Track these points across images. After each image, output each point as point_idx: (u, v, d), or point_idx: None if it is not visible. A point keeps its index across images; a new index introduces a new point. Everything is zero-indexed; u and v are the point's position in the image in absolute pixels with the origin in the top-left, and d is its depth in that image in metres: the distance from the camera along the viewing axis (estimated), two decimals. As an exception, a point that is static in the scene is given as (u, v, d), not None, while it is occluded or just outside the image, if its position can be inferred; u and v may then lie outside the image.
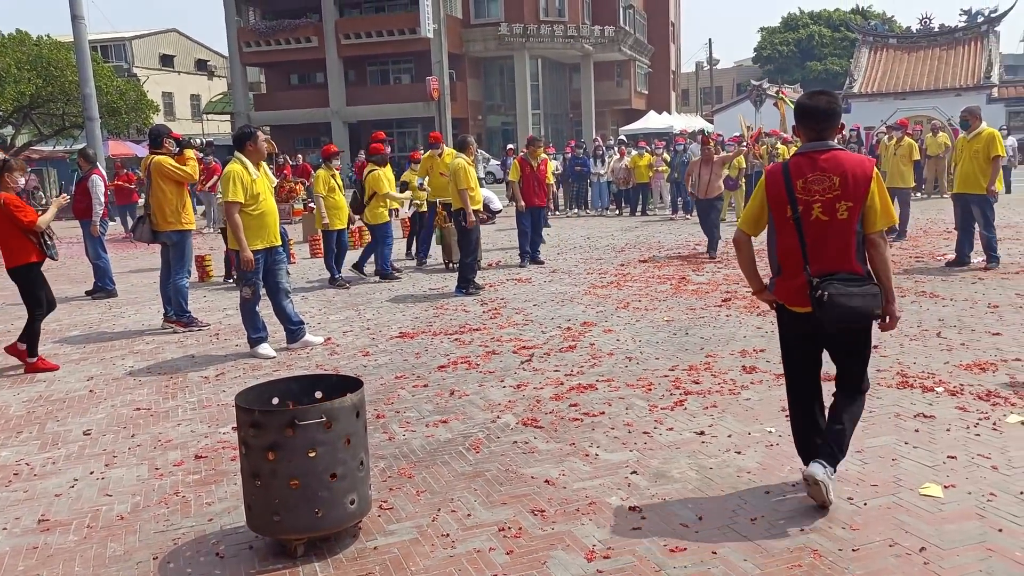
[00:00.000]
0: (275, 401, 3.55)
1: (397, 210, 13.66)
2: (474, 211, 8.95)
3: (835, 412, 3.54)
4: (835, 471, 3.47)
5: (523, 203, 11.09)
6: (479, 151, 21.71)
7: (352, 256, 11.17)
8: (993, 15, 36.63)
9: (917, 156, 12.68)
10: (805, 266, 3.41)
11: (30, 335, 6.45)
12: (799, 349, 3.61)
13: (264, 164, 6.70)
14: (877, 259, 3.42)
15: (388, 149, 11.25)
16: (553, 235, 14.74)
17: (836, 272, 3.36)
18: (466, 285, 9.03)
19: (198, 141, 10.28)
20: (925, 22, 38.54)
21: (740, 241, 3.71)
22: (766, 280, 3.73)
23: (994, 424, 4.32)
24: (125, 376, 6.22)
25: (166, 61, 53.26)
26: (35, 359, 6.46)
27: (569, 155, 19.45)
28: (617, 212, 18.82)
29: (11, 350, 6.47)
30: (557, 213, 19.09)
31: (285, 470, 3.18)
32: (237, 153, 6.47)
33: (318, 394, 3.60)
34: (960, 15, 37.99)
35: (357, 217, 10.67)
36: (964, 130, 9.16)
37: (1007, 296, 7.52)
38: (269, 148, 6.97)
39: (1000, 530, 3.19)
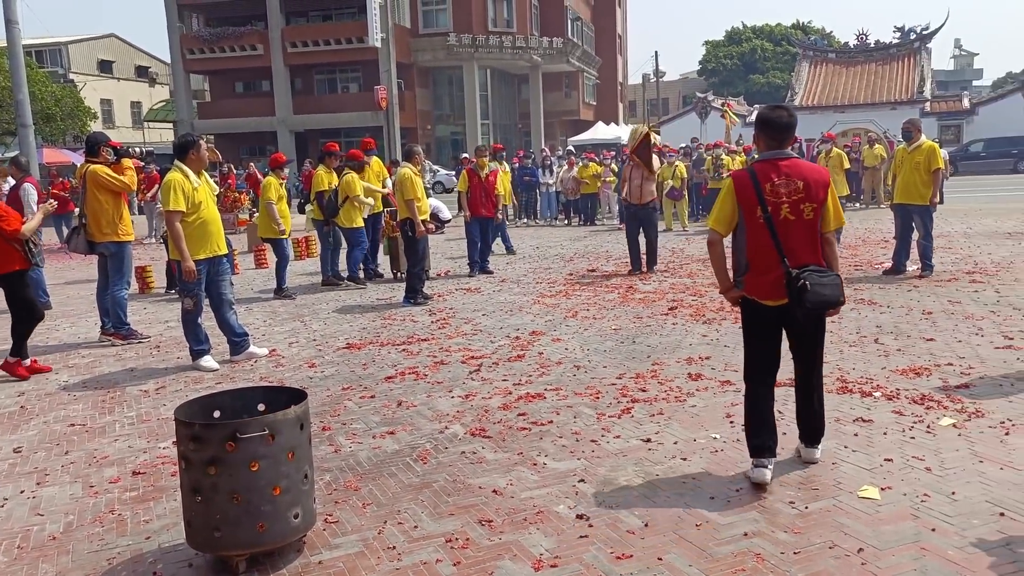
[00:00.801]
0: (217, 414, 3.47)
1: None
2: (421, 221, 8.92)
3: (806, 395, 3.98)
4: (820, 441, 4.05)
5: (468, 212, 11.12)
6: (426, 161, 21.58)
7: (298, 266, 11.06)
8: (925, 32, 38.04)
9: (848, 165, 13.07)
10: (782, 260, 3.74)
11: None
12: (765, 340, 3.91)
13: (205, 172, 6.58)
14: (831, 254, 3.88)
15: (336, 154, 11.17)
16: (503, 245, 14.75)
17: (808, 264, 3.74)
18: (414, 295, 8.97)
19: (137, 150, 10.15)
20: (862, 38, 39.83)
21: (714, 241, 3.97)
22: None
23: (928, 427, 4.45)
24: (59, 391, 6.02)
25: (105, 67, 51.97)
26: (28, 361, 6.45)
27: (517, 165, 19.52)
28: (566, 222, 18.94)
29: (7, 367, 6.42)
30: (506, 223, 19.10)
31: (227, 485, 3.10)
32: (177, 161, 6.35)
33: (261, 407, 3.53)
34: (894, 32, 39.39)
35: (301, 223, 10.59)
36: (906, 141, 9.38)
37: (940, 303, 7.77)
38: (213, 157, 6.86)
39: (933, 529, 3.28)
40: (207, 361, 6.46)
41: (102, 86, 49.41)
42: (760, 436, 3.85)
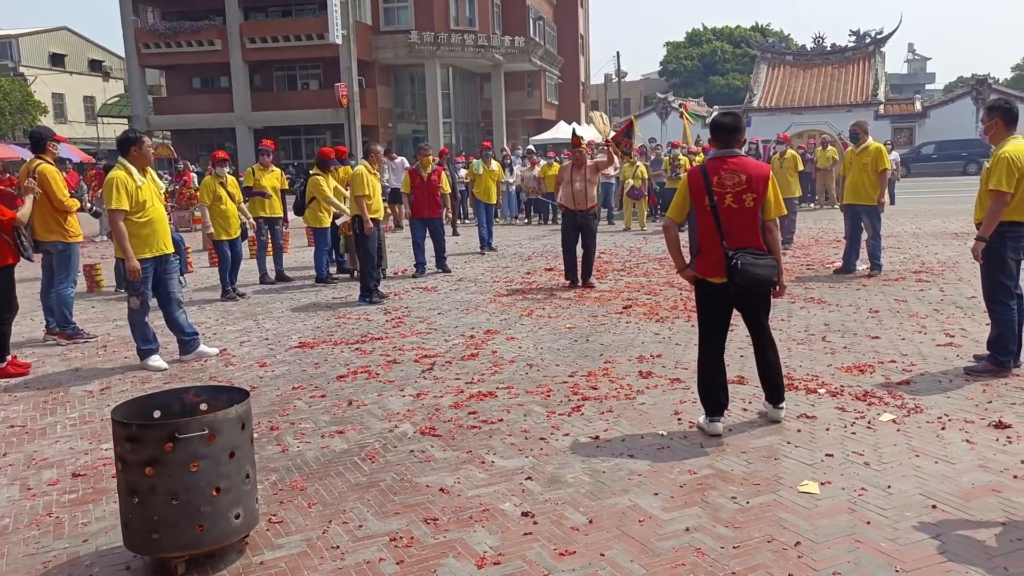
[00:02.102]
0: (157, 414, 3.42)
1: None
2: (374, 219, 8.84)
3: (763, 356, 4.55)
4: (784, 400, 4.62)
5: (410, 212, 10.99)
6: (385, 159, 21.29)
7: (253, 264, 10.93)
8: (879, 36, 38.84)
9: (802, 167, 13.25)
10: (722, 242, 4.30)
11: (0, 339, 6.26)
12: (713, 313, 4.51)
13: (151, 170, 6.46)
14: (771, 239, 4.45)
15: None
16: (461, 243, 14.76)
17: (746, 247, 4.31)
18: (368, 294, 8.91)
19: (91, 207, 10.47)
20: (818, 41, 40.54)
21: (668, 226, 4.61)
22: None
23: (869, 423, 4.55)
24: None
25: (56, 60, 50.75)
26: (4, 363, 6.27)
27: (478, 164, 19.48)
28: (526, 221, 18.98)
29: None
30: (467, 221, 19.11)
31: (164, 486, 3.06)
32: (121, 159, 6.22)
33: (203, 406, 3.49)
34: (849, 35, 40.17)
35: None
36: (854, 143, 9.61)
37: (887, 302, 7.94)
38: (167, 154, 6.78)
39: (868, 522, 3.36)
40: (155, 360, 6.35)
41: (54, 80, 48.27)
42: (711, 396, 4.48)
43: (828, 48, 39.84)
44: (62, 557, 3.35)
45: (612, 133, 10.19)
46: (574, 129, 10.08)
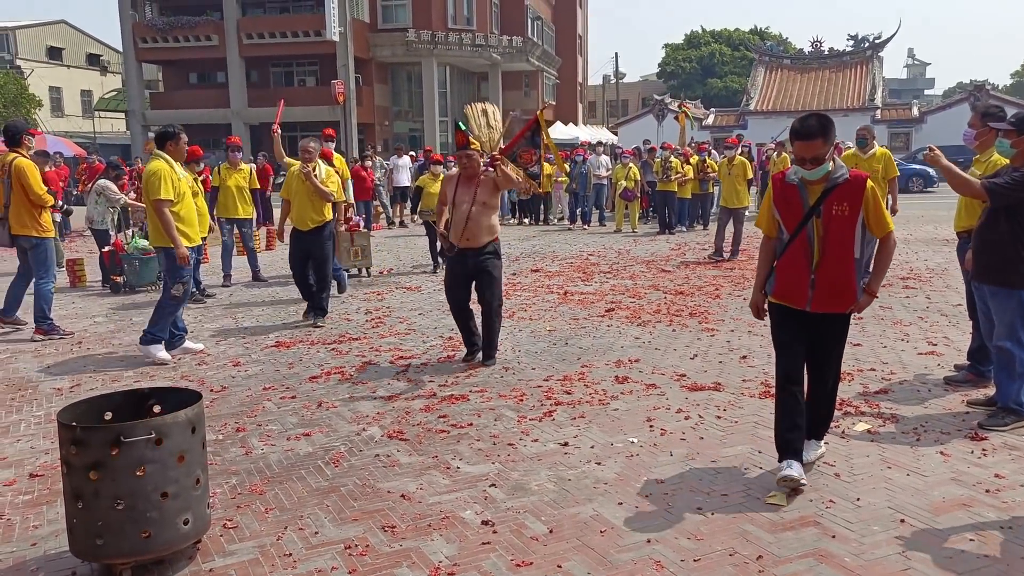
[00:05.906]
0: (108, 416, 3.34)
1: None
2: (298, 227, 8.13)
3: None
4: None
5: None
6: (378, 158, 21.13)
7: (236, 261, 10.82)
8: (877, 41, 38.80)
9: (750, 175, 12.40)
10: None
11: None
12: None
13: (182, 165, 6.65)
14: None
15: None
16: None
17: None
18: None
19: (62, 205, 10.26)
20: (816, 45, 40.48)
21: None
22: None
23: (843, 432, 4.48)
24: (-33, 388, 5.78)
25: (54, 54, 50.56)
26: None
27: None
28: (516, 221, 18.89)
29: None
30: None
31: (109, 490, 2.98)
32: (158, 151, 6.36)
33: (156, 408, 3.41)
34: (848, 40, 40.16)
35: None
36: (860, 148, 9.21)
37: (871, 308, 7.81)
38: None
39: (833, 536, 3.29)
40: (161, 352, 6.33)
41: (51, 73, 48.09)
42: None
43: (826, 52, 39.79)
44: (8, 561, 3.27)
45: (503, 142, 6.48)
46: (458, 124, 6.31)
